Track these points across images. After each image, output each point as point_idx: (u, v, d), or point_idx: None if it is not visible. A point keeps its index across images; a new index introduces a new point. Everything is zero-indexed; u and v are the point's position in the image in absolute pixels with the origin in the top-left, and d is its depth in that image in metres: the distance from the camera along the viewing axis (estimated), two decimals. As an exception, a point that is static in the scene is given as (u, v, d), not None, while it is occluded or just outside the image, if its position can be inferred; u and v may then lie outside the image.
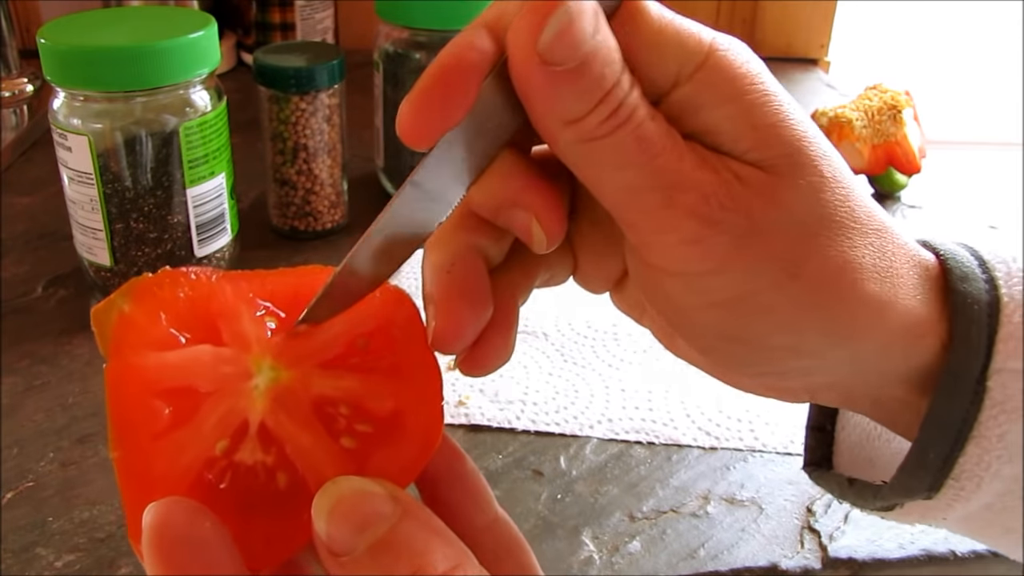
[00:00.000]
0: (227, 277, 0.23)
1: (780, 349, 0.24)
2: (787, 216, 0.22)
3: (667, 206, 0.21)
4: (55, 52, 0.46)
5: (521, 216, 0.24)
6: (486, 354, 0.25)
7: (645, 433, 0.44)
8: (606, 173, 0.22)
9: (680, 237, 0.22)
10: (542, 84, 0.21)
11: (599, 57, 0.20)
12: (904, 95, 0.66)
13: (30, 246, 0.59)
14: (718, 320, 0.23)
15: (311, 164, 0.57)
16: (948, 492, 0.25)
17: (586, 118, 0.21)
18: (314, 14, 0.87)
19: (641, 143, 0.21)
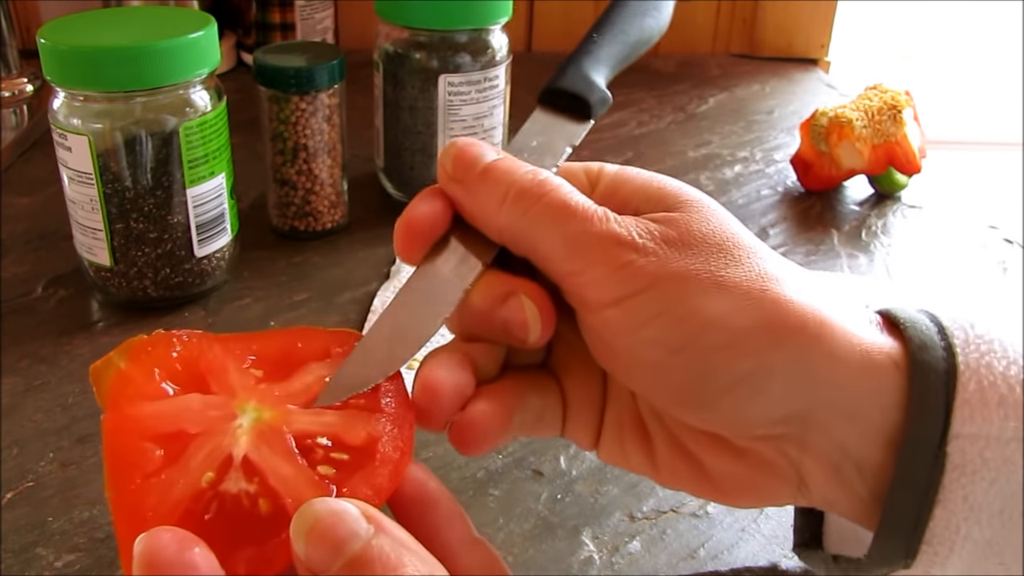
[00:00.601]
0: (216, 338, 0.25)
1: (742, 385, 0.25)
2: (702, 236, 0.26)
3: (596, 244, 0.25)
4: (55, 52, 0.46)
5: (515, 301, 0.27)
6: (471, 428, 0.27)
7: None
8: (540, 235, 0.26)
9: (611, 266, 0.25)
10: (462, 194, 0.27)
11: (507, 164, 0.27)
12: (904, 95, 0.66)
13: (30, 246, 0.59)
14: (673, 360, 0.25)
15: (311, 164, 0.57)
16: (923, 558, 0.25)
17: (506, 201, 0.26)
18: (314, 14, 0.87)
19: (564, 204, 0.26)
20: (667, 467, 0.28)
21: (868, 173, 0.66)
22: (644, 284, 0.25)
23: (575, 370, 0.29)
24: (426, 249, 0.28)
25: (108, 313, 0.53)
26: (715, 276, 0.25)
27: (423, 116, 0.60)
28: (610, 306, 0.25)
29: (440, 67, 0.59)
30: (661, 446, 0.28)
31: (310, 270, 0.57)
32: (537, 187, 0.26)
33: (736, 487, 0.27)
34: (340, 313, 0.53)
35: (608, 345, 0.26)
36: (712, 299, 0.25)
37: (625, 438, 0.29)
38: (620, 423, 0.29)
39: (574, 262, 0.26)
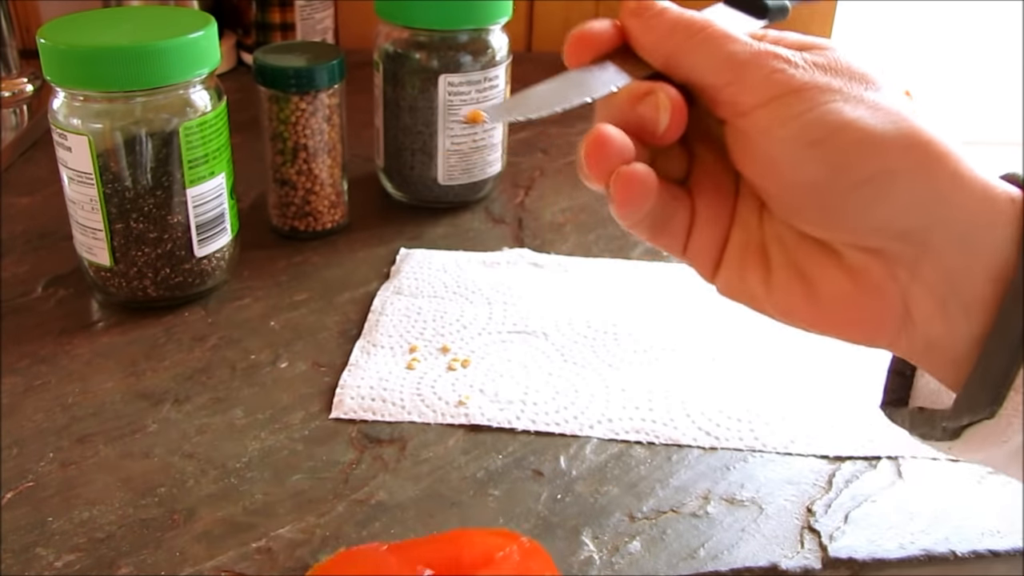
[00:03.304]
0: (391, 549, 0.28)
1: (870, 184, 0.27)
2: (847, 65, 0.29)
3: (753, 57, 0.29)
4: (55, 52, 0.46)
5: (651, 98, 0.30)
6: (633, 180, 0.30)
7: (645, 433, 0.44)
8: (704, 55, 0.29)
9: (765, 71, 0.28)
10: (639, 25, 0.31)
11: (674, 7, 0.30)
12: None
13: (30, 246, 0.59)
14: (810, 153, 0.28)
15: (311, 164, 0.57)
16: (1009, 406, 0.26)
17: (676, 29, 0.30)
18: (314, 14, 0.87)
19: (726, 32, 0.29)
20: (782, 292, 0.30)
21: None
22: (793, 88, 0.28)
23: (709, 192, 0.32)
24: (590, 57, 0.31)
25: (108, 313, 0.53)
26: (856, 92, 0.28)
27: (423, 116, 0.60)
28: (761, 106, 0.28)
29: (440, 67, 0.59)
30: (779, 269, 0.30)
31: (310, 270, 0.57)
32: (704, 22, 0.30)
33: (845, 312, 0.29)
34: (340, 313, 0.53)
35: (753, 145, 0.29)
36: (851, 107, 0.27)
37: (747, 262, 0.31)
38: (744, 247, 0.31)
39: (734, 72, 0.29)
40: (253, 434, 0.44)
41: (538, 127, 0.79)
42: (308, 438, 0.44)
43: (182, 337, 0.51)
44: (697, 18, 0.30)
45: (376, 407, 0.45)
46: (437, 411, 0.45)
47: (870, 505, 0.41)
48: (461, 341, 0.50)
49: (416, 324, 0.52)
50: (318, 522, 0.39)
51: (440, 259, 0.58)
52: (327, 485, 0.41)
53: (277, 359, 0.49)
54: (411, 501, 0.40)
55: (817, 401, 0.46)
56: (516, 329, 0.51)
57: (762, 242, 0.31)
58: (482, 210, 0.65)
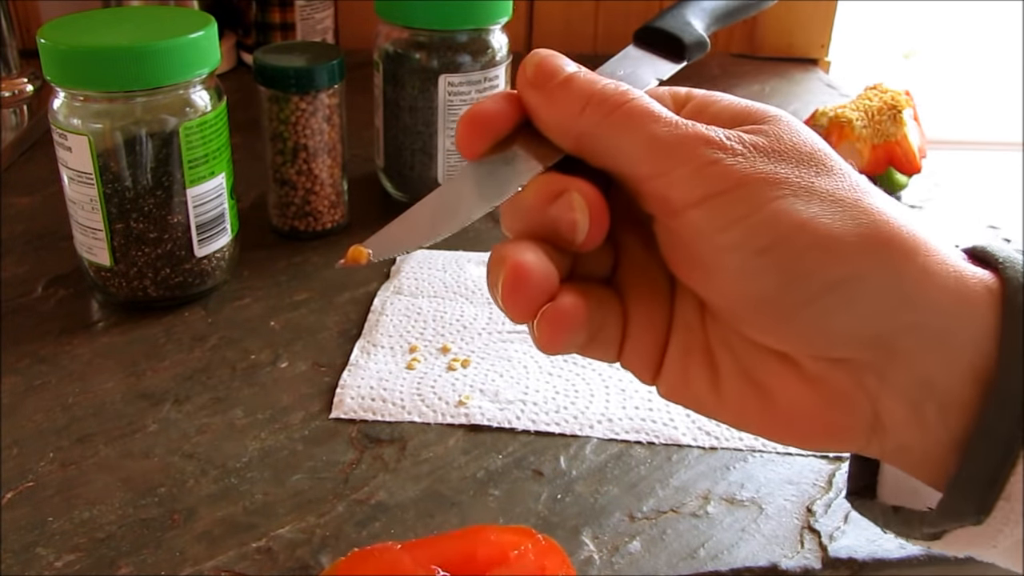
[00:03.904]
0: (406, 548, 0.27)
1: (830, 293, 0.24)
2: (791, 145, 0.25)
3: (682, 143, 0.24)
4: (55, 52, 0.46)
5: (565, 199, 0.25)
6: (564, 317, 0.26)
7: (645, 433, 0.44)
8: (623, 138, 0.25)
9: (698, 163, 0.24)
10: (540, 100, 0.27)
11: (589, 78, 0.26)
12: (904, 95, 0.66)
13: (30, 246, 0.59)
14: (759, 262, 0.24)
15: (311, 164, 0.57)
16: (998, 515, 0.24)
17: (588, 106, 0.26)
18: (314, 14, 0.87)
19: (648, 108, 0.25)
20: (734, 399, 0.26)
21: (868, 173, 0.66)
22: (731, 184, 0.24)
23: (641, 291, 0.28)
24: (487, 145, 0.27)
25: (108, 313, 0.53)
26: (806, 183, 0.24)
27: (423, 116, 0.60)
28: (694, 206, 0.24)
29: (440, 67, 0.59)
30: (729, 376, 0.26)
31: (310, 270, 0.57)
32: (620, 95, 0.26)
33: (806, 422, 0.25)
34: (340, 313, 0.53)
35: (689, 250, 0.25)
36: (803, 202, 0.24)
37: (690, 367, 0.27)
38: (686, 351, 0.27)
39: (658, 162, 0.25)
40: (253, 434, 0.44)
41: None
42: (308, 438, 0.44)
43: (182, 337, 0.51)
44: (610, 89, 0.26)
45: (376, 407, 0.45)
46: (437, 411, 0.45)
47: (870, 505, 0.41)
48: (461, 341, 0.50)
49: (416, 324, 0.52)
50: (318, 522, 0.39)
51: (440, 259, 0.58)
52: (327, 485, 0.41)
53: (277, 359, 0.49)
54: (411, 501, 0.40)
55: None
56: (516, 329, 0.51)
57: (707, 345, 0.27)
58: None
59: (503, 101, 0.27)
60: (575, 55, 0.28)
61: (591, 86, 0.26)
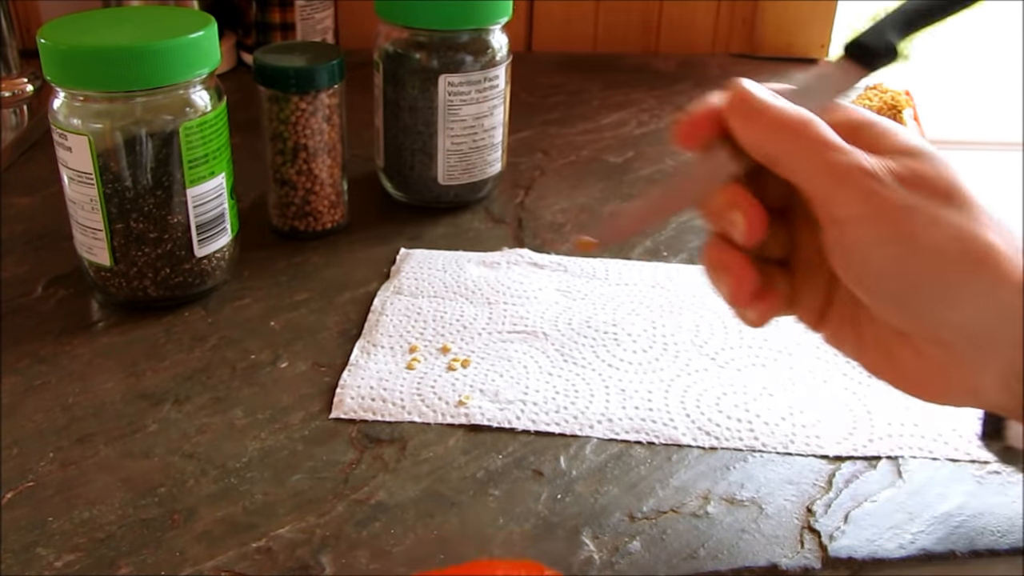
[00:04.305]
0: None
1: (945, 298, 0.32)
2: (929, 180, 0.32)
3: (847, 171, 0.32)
4: (55, 52, 0.46)
5: (734, 214, 0.35)
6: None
7: (645, 433, 0.44)
8: (801, 162, 0.33)
9: (856, 191, 0.32)
10: (741, 125, 0.34)
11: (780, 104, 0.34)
12: (904, 95, 0.66)
13: (30, 246, 0.59)
14: (895, 269, 0.32)
15: (311, 164, 0.57)
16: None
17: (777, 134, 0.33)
18: (314, 14, 0.87)
19: (824, 138, 0.33)
20: (872, 357, 0.36)
21: (868, 173, 0.66)
22: (886, 209, 0.32)
23: (810, 267, 0.37)
24: (700, 143, 0.35)
25: (108, 313, 0.53)
26: (933, 211, 0.32)
27: (423, 116, 0.60)
28: (853, 221, 0.32)
29: (440, 67, 0.59)
30: (869, 340, 0.36)
31: (310, 270, 0.57)
32: (803, 122, 0.33)
33: (922, 381, 0.35)
34: (340, 313, 0.53)
35: (844, 250, 0.33)
36: (931, 226, 0.32)
37: (845, 330, 0.37)
38: (842, 317, 0.36)
39: (829, 185, 0.32)
40: (253, 434, 0.44)
41: (538, 127, 0.79)
42: (308, 438, 0.44)
43: (182, 337, 0.51)
44: (796, 118, 0.33)
45: (376, 407, 0.45)
46: (437, 411, 0.45)
47: (870, 505, 0.41)
48: (461, 341, 0.50)
49: (416, 324, 0.52)
50: (318, 522, 0.39)
51: (440, 259, 0.58)
52: (327, 485, 0.41)
53: (277, 359, 0.49)
54: (411, 501, 0.40)
55: (817, 401, 0.46)
56: (516, 329, 0.51)
57: (856, 316, 0.36)
58: (482, 210, 0.65)
59: (715, 108, 0.35)
60: (575, 55, 0.29)
61: (781, 114, 0.33)
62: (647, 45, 0.98)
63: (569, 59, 0.94)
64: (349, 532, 0.39)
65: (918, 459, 0.43)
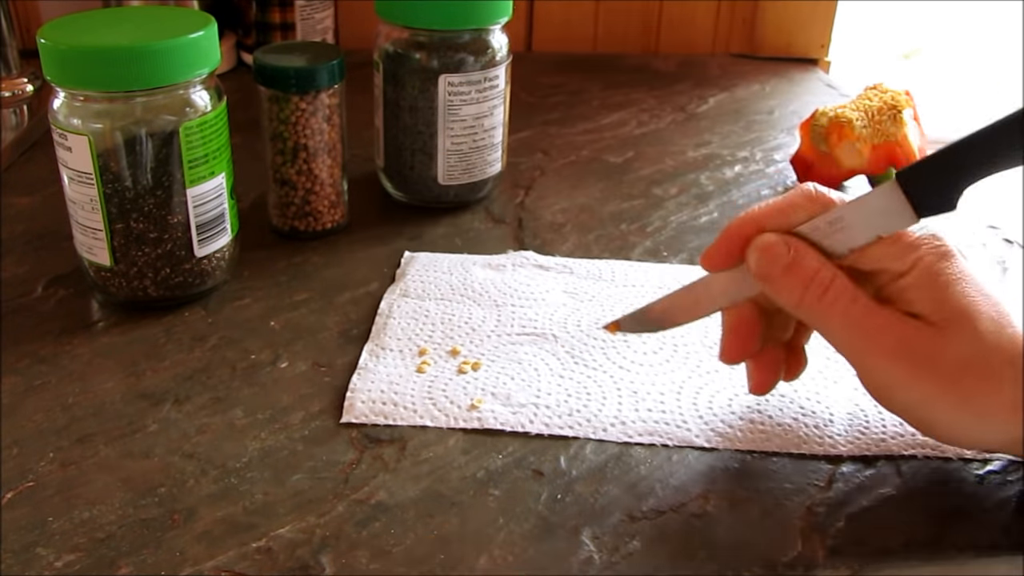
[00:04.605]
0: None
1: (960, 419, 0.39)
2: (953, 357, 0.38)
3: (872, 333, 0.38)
4: (55, 52, 0.46)
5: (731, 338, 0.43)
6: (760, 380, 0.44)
7: (659, 436, 0.44)
8: (830, 322, 0.39)
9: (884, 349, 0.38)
10: (768, 285, 0.40)
11: (802, 264, 0.39)
12: (904, 95, 0.66)
13: (30, 246, 0.59)
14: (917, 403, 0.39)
15: (311, 164, 0.57)
16: None
17: (805, 295, 0.39)
18: (314, 14, 0.87)
19: (850, 301, 0.38)
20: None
21: (868, 173, 0.66)
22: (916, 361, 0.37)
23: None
24: (732, 263, 0.41)
25: (108, 313, 0.53)
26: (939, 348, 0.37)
27: (423, 116, 0.60)
28: (871, 371, 0.39)
29: (440, 67, 0.59)
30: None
31: (310, 270, 0.57)
32: (829, 287, 0.38)
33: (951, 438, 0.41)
34: (340, 313, 0.53)
35: (870, 379, 0.40)
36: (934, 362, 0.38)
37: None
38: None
39: (853, 344, 0.39)
40: (253, 434, 0.44)
41: (538, 127, 0.79)
42: (308, 438, 0.44)
43: (182, 337, 0.51)
44: (826, 273, 0.38)
45: (388, 411, 0.45)
46: (449, 415, 0.45)
47: (870, 505, 0.41)
48: (471, 344, 0.50)
49: (424, 327, 0.51)
50: (318, 522, 0.39)
51: (445, 262, 0.58)
52: (327, 485, 0.41)
53: (277, 359, 0.49)
54: (411, 501, 0.40)
55: (828, 402, 0.46)
56: (525, 331, 0.51)
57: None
58: (482, 210, 0.65)
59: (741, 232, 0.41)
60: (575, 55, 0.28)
61: (811, 269, 0.38)
62: (647, 45, 0.98)
63: (569, 59, 0.94)
64: (349, 532, 0.39)
65: (918, 459, 0.43)
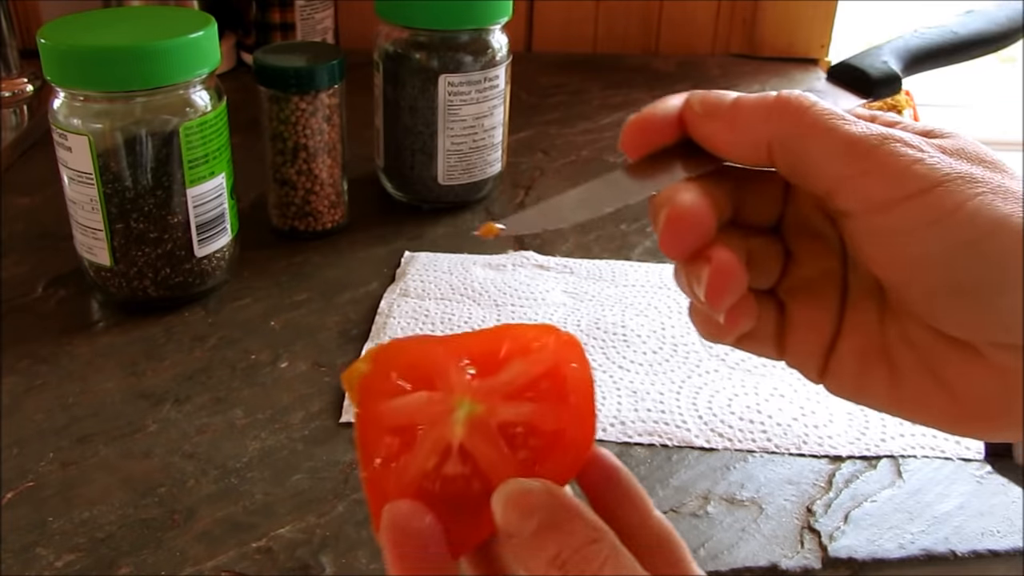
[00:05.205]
0: (438, 340, 0.30)
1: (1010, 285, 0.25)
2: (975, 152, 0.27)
3: (881, 143, 0.26)
4: (55, 52, 0.46)
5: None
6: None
7: (658, 436, 0.44)
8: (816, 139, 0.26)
9: (899, 163, 0.26)
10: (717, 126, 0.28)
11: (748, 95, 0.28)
12: (904, 95, 0.66)
13: (30, 246, 0.59)
14: (967, 253, 0.25)
15: (311, 164, 0.57)
16: None
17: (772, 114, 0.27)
18: (314, 14, 0.87)
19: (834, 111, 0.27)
20: (915, 395, 0.28)
21: (868, 173, 0.66)
22: (936, 181, 0.25)
23: (808, 296, 0.29)
24: (647, 149, 0.29)
25: (108, 313, 0.53)
26: (998, 182, 0.26)
27: (423, 116, 0.60)
28: (901, 202, 0.26)
29: (440, 67, 0.59)
30: (910, 373, 0.28)
31: (310, 270, 0.57)
32: (802, 99, 0.27)
33: (991, 412, 0.27)
34: (340, 313, 0.53)
35: (893, 245, 0.26)
36: (1001, 199, 0.25)
37: (868, 368, 0.29)
38: (862, 352, 0.29)
39: (860, 161, 0.26)
40: (253, 434, 0.44)
41: (538, 127, 0.79)
42: (308, 438, 0.44)
43: (182, 337, 0.51)
44: (791, 95, 0.27)
45: (379, 408, 0.45)
46: (440, 412, 0.45)
47: (870, 505, 0.41)
48: (468, 343, 0.50)
49: (425, 326, 0.51)
50: (318, 522, 0.39)
51: (446, 261, 0.58)
52: (327, 485, 0.41)
53: (277, 359, 0.49)
54: (411, 501, 0.40)
55: (828, 402, 0.46)
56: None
57: (884, 346, 0.28)
58: (482, 210, 0.65)
59: (671, 113, 0.29)
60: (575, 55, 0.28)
61: (766, 98, 0.27)
62: (647, 45, 0.98)
63: (569, 59, 0.94)
64: (349, 532, 0.39)
65: (918, 459, 0.43)
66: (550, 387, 0.29)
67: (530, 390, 0.29)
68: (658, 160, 0.29)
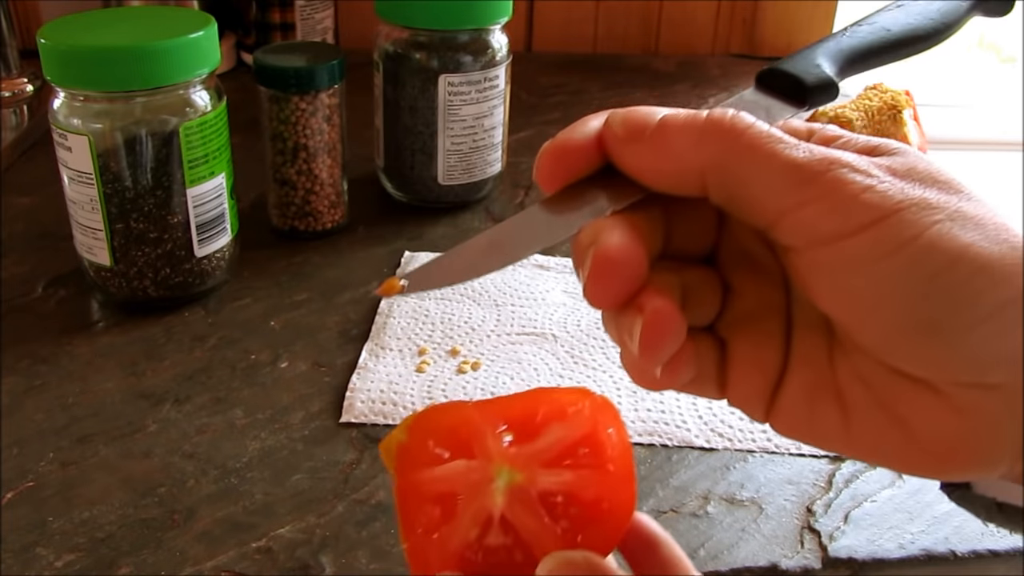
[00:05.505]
0: (474, 406, 0.30)
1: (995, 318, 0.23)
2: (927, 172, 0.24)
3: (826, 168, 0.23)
4: (55, 52, 0.46)
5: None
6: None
7: (658, 436, 0.44)
8: (754, 166, 0.24)
9: (847, 191, 0.23)
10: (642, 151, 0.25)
11: (676, 113, 0.25)
12: (904, 95, 0.66)
13: (30, 246, 0.59)
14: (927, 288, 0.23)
15: (311, 164, 0.57)
16: None
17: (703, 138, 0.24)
18: (314, 14, 0.87)
19: (773, 133, 0.24)
20: (868, 434, 0.25)
21: (868, 173, 0.66)
22: (888, 210, 0.23)
23: (749, 333, 0.27)
24: (566, 181, 0.26)
25: (108, 313, 0.53)
26: (955, 207, 0.23)
27: (423, 116, 0.60)
28: (850, 235, 0.23)
29: (440, 67, 0.59)
30: (862, 411, 0.25)
31: (310, 270, 0.57)
32: (737, 120, 0.24)
33: (950, 451, 0.24)
34: (340, 313, 0.53)
35: (841, 280, 0.24)
36: (959, 226, 0.23)
37: (816, 405, 0.26)
38: (811, 389, 0.26)
39: (803, 190, 0.23)
40: (253, 434, 0.44)
41: (538, 127, 0.79)
42: (308, 438, 0.44)
43: (182, 337, 0.51)
44: (720, 115, 0.24)
45: (387, 411, 0.45)
46: (442, 413, 0.45)
47: (870, 505, 0.41)
48: (471, 343, 0.50)
49: (424, 326, 0.51)
50: (318, 522, 0.39)
51: (443, 260, 0.58)
52: (327, 485, 0.41)
53: (277, 359, 0.49)
54: (411, 501, 0.40)
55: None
56: (525, 331, 0.51)
57: (834, 382, 0.26)
58: (482, 210, 0.65)
59: (590, 137, 0.26)
60: (575, 55, 0.28)
61: (696, 118, 0.24)
62: (647, 45, 0.98)
63: (569, 59, 0.94)
64: (349, 532, 0.39)
65: (918, 459, 0.43)
66: (588, 453, 0.29)
67: (568, 457, 0.29)
68: (578, 192, 0.26)
